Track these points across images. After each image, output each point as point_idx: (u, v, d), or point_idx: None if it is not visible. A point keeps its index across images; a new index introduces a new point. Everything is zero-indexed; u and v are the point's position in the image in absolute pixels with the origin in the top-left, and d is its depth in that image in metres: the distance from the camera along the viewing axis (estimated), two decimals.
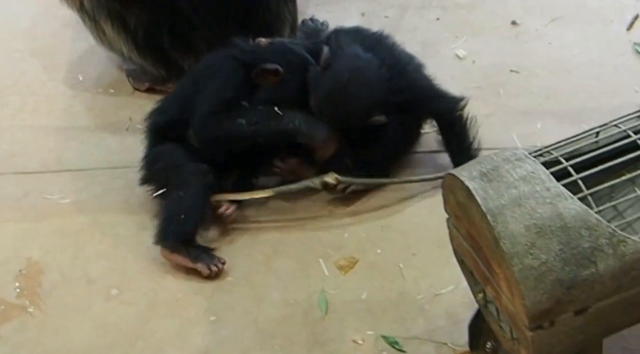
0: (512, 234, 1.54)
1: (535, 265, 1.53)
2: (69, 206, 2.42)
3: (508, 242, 1.54)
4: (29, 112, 2.74)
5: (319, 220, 2.34)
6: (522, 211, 1.56)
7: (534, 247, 1.53)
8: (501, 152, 1.69)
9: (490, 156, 1.70)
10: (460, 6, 3.03)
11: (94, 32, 2.71)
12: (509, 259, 1.53)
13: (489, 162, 1.67)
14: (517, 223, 1.55)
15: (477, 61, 2.79)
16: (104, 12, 2.60)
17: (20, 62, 2.93)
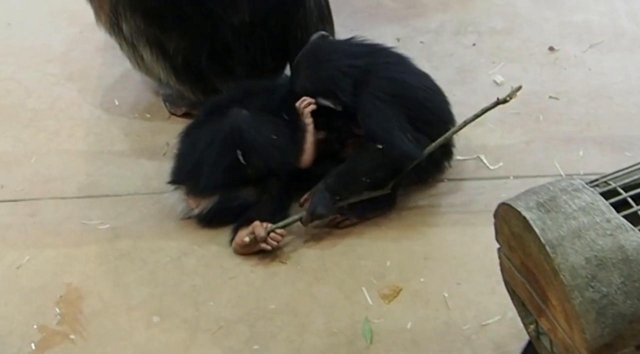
0: (572, 266, 1.52)
1: (596, 298, 1.50)
2: (107, 231, 2.40)
3: (568, 274, 1.52)
4: (65, 137, 2.74)
5: (360, 248, 2.31)
6: (582, 242, 1.53)
7: (595, 280, 1.51)
8: (557, 182, 1.67)
9: (546, 185, 1.68)
10: (496, 32, 3.03)
11: (132, 57, 2.71)
12: (569, 292, 1.51)
13: (546, 192, 1.65)
14: (577, 255, 1.52)
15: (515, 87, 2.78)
16: (143, 38, 2.60)
17: (56, 86, 2.94)
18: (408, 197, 2.44)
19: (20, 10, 3.31)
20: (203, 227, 2.39)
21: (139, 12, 2.57)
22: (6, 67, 3.02)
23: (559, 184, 1.67)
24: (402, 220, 2.38)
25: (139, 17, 2.57)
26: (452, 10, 3.12)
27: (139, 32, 2.60)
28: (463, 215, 2.38)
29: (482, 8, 3.15)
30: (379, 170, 2.33)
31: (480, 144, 2.59)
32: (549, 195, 1.65)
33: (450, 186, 2.47)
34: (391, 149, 2.31)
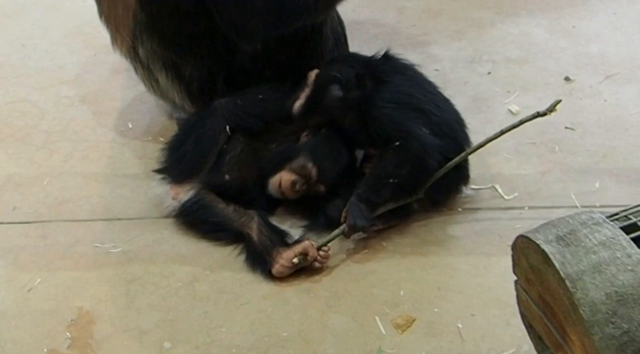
0: (593, 301, 1.51)
1: (616, 335, 1.49)
2: (119, 255, 2.39)
3: (588, 309, 1.51)
4: (79, 159, 2.73)
5: (372, 276, 2.30)
6: (603, 277, 1.52)
7: (616, 316, 1.49)
8: (576, 215, 1.66)
9: (565, 218, 1.67)
10: (511, 61, 3.03)
11: (147, 80, 2.71)
12: (589, 328, 1.50)
13: (565, 226, 1.64)
14: (598, 290, 1.51)
15: None
16: (159, 62, 2.60)
17: (70, 108, 2.94)
18: (422, 226, 2.43)
19: (35, 31, 3.32)
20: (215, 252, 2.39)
21: (156, 36, 2.57)
22: (21, 88, 3.02)
23: (578, 217, 1.66)
24: (416, 249, 2.36)
25: (155, 41, 2.58)
26: (467, 39, 3.13)
27: (155, 55, 2.61)
28: (477, 245, 2.36)
29: (497, 37, 3.16)
30: (402, 167, 2.34)
31: (496, 173, 2.58)
32: (569, 228, 1.64)
33: (465, 215, 2.46)
34: (409, 143, 2.34)
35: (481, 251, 2.34)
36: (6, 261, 2.37)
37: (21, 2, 3.47)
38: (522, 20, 3.24)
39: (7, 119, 2.88)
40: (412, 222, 2.44)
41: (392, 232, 2.42)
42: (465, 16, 3.28)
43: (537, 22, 3.23)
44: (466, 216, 2.46)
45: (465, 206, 2.49)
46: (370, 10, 3.27)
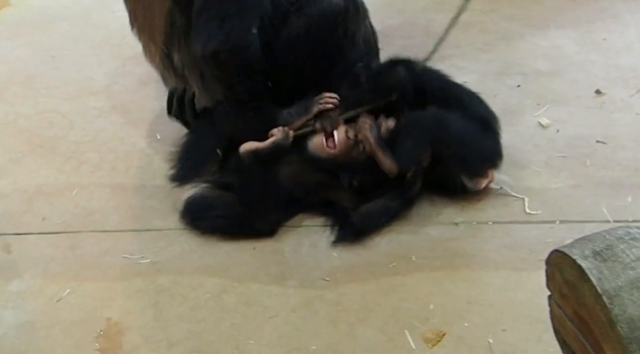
0: (631, 318, 1.48)
1: None
2: (148, 266, 2.39)
3: (626, 326, 1.48)
4: (107, 170, 2.74)
5: (402, 289, 2.28)
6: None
7: None
8: (613, 230, 1.63)
9: (601, 233, 1.64)
10: (541, 73, 3.01)
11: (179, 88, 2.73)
12: (626, 345, 1.47)
13: (602, 241, 1.61)
14: (636, 307, 1.48)
15: (561, 130, 2.75)
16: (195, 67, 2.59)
17: (98, 119, 2.96)
18: (452, 240, 2.41)
19: (64, 43, 3.36)
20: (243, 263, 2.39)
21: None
22: (50, 99, 3.04)
23: (615, 232, 1.64)
24: (445, 262, 2.34)
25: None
26: (496, 51, 3.12)
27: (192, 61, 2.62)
28: (508, 259, 2.34)
29: (527, 49, 3.15)
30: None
31: (526, 186, 2.56)
32: (605, 243, 1.62)
33: (495, 228, 2.44)
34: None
35: (512, 265, 2.32)
36: (36, 272, 2.37)
37: (50, 14, 3.51)
38: (552, 33, 3.23)
39: (36, 129, 2.91)
40: (441, 235, 2.43)
41: (421, 246, 2.40)
42: (495, 29, 3.27)
43: (567, 35, 3.22)
44: (496, 230, 2.44)
45: (496, 219, 2.47)
46: (398, 22, 3.27)
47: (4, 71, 3.19)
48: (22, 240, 2.48)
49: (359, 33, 2.64)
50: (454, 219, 2.47)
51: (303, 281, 2.32)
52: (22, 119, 2.95)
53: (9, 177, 2.70)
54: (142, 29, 2.64)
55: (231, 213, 2.47)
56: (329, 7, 2.55)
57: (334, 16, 2.56)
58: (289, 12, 2.54)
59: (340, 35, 2.59)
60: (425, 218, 2.49)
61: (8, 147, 2.82)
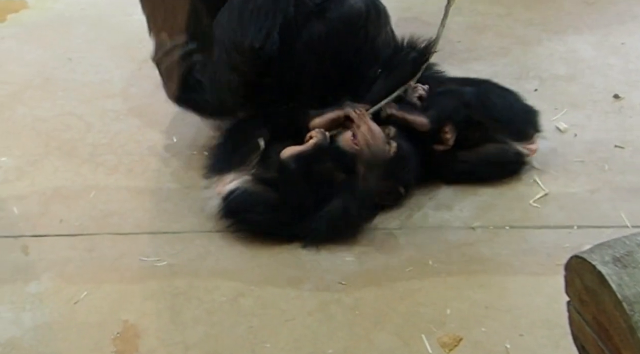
0: None
1: None
2: (165, 268, 2.39)
3: None
4: (124, 172, 2.74)
5: (419, 293, 2.27)
6: None
7: None
8: (633, 236, 1.62)
9: (621, 239, 1.63)
10: (558, 77, 3.00)
11: None
12: None
13: (622, 247, 1.60)
14: None
15: (579, 135, 2.75)
16: None
17: (115, 122, 2.96)
18: (468, 244, 2.41)
19: (82, 45, 3.35)
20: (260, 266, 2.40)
21: None
22: (67, 102, 3.04)
23: (635, 238, 1.62)
24: (462, 267, 2.34)
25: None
26: (513, 55, 3.11)
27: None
28: (525, 264, 2.33)
29: (544, 54, 3.14)
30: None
31: (542, 191, 2.55)
32: (626, 250, 1.61)
33: (512, 233, 2.43)
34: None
35: (529, 270, 2.32)
36: (53, 274, 2.38)
37: (67, 16, 3.51)
38: (569, 37, 3.22)
39: (53, 132, 2.91)
40: (457, 240, 2.43)
41: (437, 250, 2.40)
42: (511, 33, 3.27)
43: (584, 39, 3.21)
44: (513, 234, 2.43)
45: (513, 223, 2.46)
46: (415, 25, 3.24)
47: (22, 73, 3.20)
48: (39, 242, 2.48)
49: (380, 38, 2.64)
50: (471, 223, 2.47)
51: (319, 284, 2.32)
52: (40, 121, 2.95)
53: (27, 180, 2.70)
54: (159, 31, 2.64)
55: (272, 215, 2.46)
56: (351, 11, 2.56)
57: (355, 20, 2.56)
58: (311, 14, 2.55)
59: (361, 40, 2.59)
60: (442, 222, 2.49)
61: (26, 149, 2.82)
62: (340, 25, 2.54)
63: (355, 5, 2.56)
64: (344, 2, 2.56)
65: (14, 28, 3.48)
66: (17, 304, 2.30)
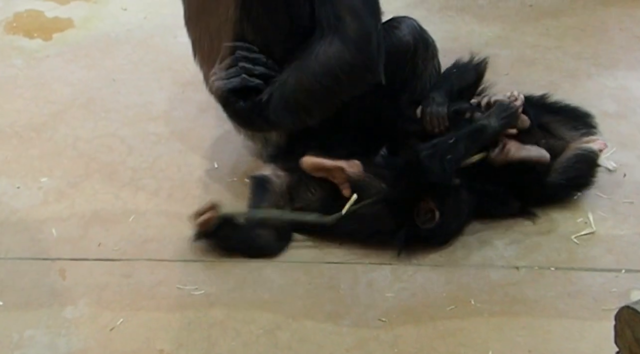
0: None
1: None
2: (202, 298, 2.36)
3: None
4: (164, 198, 2.72)
5: (460, 333, 2.22)
6: None
7: None
8: None
9: None
10: (608, 115, 2.93)
11: None
12: None
13: None
14: None
15: (628, 175, 2.68)
16: None
17: (157, 145, 2.94)
18: (512, 284, 2.35)
19: (126, 66, 3.34)
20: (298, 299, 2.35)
21: None
22: (110, 123, 3.03)
23: None
24: (506, 307, 2.28)
25: None
26: (562, 91, 3.02)
27: None
28: (571, 307, 2.27)
29: (594, 90, 3.07)
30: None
31: (589, 232, 2.49)
32: None
33: (558, 274, 2.37)
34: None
35: (575, 314, 2.25)
36: (90, 299, 2.36)
37: (113, 37, 3.51)
38: (620, 73, 3.15)
39: (95, 153, 2.90)
40: (501, 279, 2.37)
41: (480, 289, 2.35)
42: (560, 67, 3.20)
43: (636, 76, 3.13)
44: (559, 276, 2.37)
45: (558, 265, 2.40)
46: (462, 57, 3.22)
47: (66, 93, 3.19)
48: (77, 266, 2.47)
49: (427, 71, 2.61)
50: (516, 263, 2.41)
51: (358, 320, 2.28)
52: (81, 142, 2.94)
53: (66, 201, 2.69)
54: (205, 58, 2.63)
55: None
56: (399, 43, 2.53)
57: (403, 52, 2.54)
58: None
59: (408, 73, 2.56)
60: (486, 260, 2.44)
61: (66, 170, 2.81)
62: (388, 56, 2.49)
63: (404, 38, 2.54)
64: (392, 34, 2.54)
65: (59, 47, 3.48)
66: (52, 329, 2.28)
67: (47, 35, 3.55)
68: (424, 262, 2.45)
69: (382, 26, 2.47)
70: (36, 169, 2.85)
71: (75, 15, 3.69)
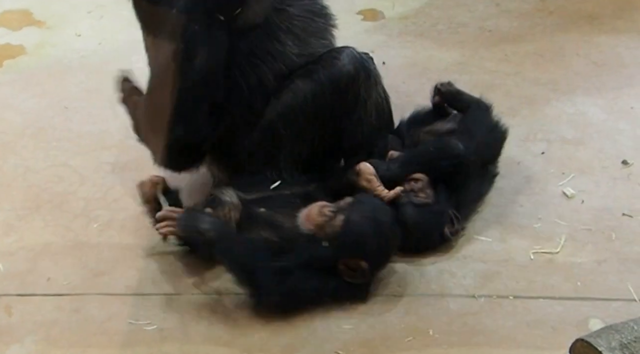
0: None
1: None
2: (154, 333, 2.30)
3: None
4: (117, 229, 2.66)
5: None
6: None
7: None
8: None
9: (629, 324, 1.58)
10: (566, 141, 2.92)
11: None
12: None
13: (630, 332, 1.55)
14: None
15: (586, 201, 2.66)
16: None
17: (110, 175, 2.87)
18: (471, 314, 2.31)
19: (79, 94, 3.28)
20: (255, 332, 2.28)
21: None
22: (61, 152, 2.96)
23: None
24: (464, 338, 2.25)
25: None
26: (520, 116, 3.02)
27: None
28: (529, 337, 2.24)
29: (552, 115, 3.05)
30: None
31: (548, 260, 2.47)
32: (634, 335, 1.55)
33: (516, 303, 2.34)
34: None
35: (533, 344, 2.22)
36: (38, 336, 2.29)
37: (66, 63, 3.45)
38: (578, 99, 3.14)
39: (46, 184, 2.83)
40: (460, 309, 2.33)
41: (439, 319, 2.31)
42: (519, 93, 3.18)
43: (593, 102, 3.12)
44: (517, 305, 2.34)
45: (517, 293, 2.37)
46: (420, 82, 3.19)
47: (16, 123, 3.12)
48: (24, 301, 2.40)
49: (370, 100, 2.58)
50: (474, 292, 2.38)
51: (315, 353, 2.23)
52: (32, 173, 2.86)
53: (15, 235, 2.62)
54: None
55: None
56: (339, 74, 2.51)
57: (344, 83, 2.51)
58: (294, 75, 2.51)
59: (351, 102, 2.54)
60: (444, 289, 2.40)
61: (15, 202, 2.74)
62: (328, 87, 2.49)
63: (344, 68, 2.51)
64: (332, 64, 2.51)
65: (10, 74, 3.41)
66: None
67: None
68: (382, 292, 2.40)
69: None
70: None
71: (27, 42, 3.63)
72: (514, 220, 2.62)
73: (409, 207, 2.48)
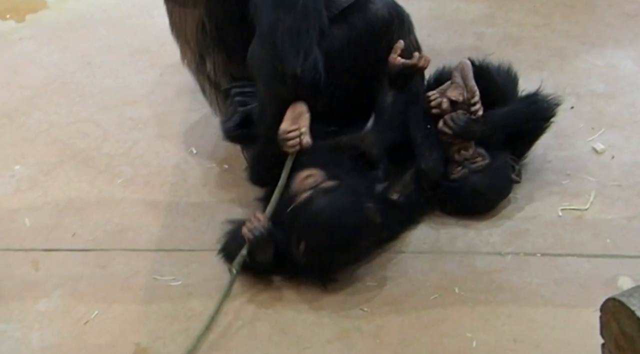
0: None
1: None
2: (179, 288, 2.30)
3: None
4: (141, 185, 2.65)
5: (444, 324, 2.16)
6: None
7: None
8: None
9: None
10: (596, 95, 2.86)
11: (214, 99, 2.63)
12: None
13: None
14: None
15: (616, 157, 2.61)
16: (226, 77, 2.53)
17: (133, 131, 2.86)
18: (497, 272, 2.29)
19: (101, 49, 3.27)
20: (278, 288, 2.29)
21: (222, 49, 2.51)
22: (85, 108, 2.96)
23: None
24: (490, 296, 2.22)
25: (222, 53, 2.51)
26: (549, 70, 2.96)
27: (223, 70, 2.53)
28: (557, 295, 2.21)
29: (582, 69, 2.99)
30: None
31: (577, 216, 2.43)
32: None
33: (544, 261, 2.31)
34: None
35: (561, 302, 2.19)
36: (64, 291, 2.30)
37: (88, 17, 3.43)
38: (608, 51, 3.07)
39: (69, 139, 2.83)
40: (486, 266, 2.31)
41: (465, 277, 2.28)
42: (548, 45, 3.12)
43: (625, 54, 3.04)
44: (545, 262, 2.31)
45: (545, 251, 2.34)
46: (447, 35, 3.14)
47: (39, 77, 3.12)
48: (50, 256, 2.41)
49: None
50: (501, 249, 2.35)
51: (339, 310, 2.22)
52: (56, 128, 2.87)
53: (40, 190, 2.62)
54: (179, 32, 2.56)
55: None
56: (374, 18, 2.43)
57: (377, 27, 2.45)
58: (330, 21, 2.43)
59: (384, 49, 2.48)
60: (471, 247, 2.37)
61: (40, 157, 2.74)
62: (362, 32, 2.42)
63: (378, 12, 2.45)
64: (366, 9, 2.45)
65: (32, 29, 3.40)
66: (25, 323, 2.22)
67: (20, 17, 3.48)
68: (407, 249, 2.38)
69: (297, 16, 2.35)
70: (9, 156, 2.78)
71: None
72: (542, 176, 2.57)
73: (474, 177, 2.43)
